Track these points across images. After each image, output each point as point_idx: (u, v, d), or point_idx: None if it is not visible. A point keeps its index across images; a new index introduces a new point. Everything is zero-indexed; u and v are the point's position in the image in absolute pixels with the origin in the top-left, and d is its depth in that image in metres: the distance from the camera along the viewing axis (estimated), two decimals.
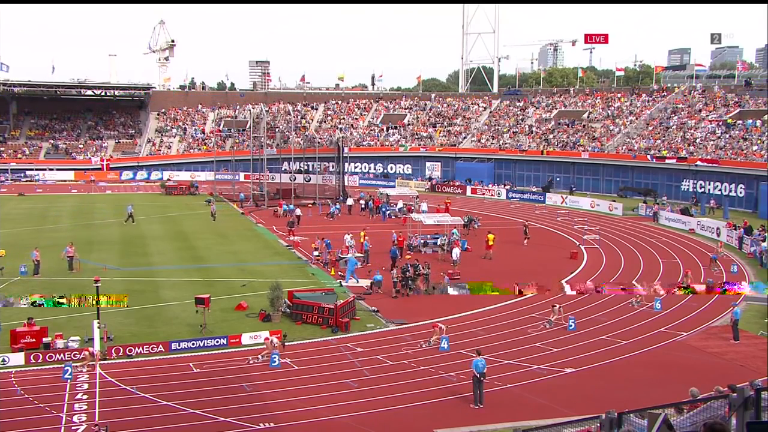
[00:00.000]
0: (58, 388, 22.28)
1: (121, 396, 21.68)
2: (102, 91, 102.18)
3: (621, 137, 79.40)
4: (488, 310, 31.93)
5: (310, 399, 21.45)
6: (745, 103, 75.35)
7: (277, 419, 19.98)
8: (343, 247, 42.00)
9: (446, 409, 20.98)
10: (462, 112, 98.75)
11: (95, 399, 21.35)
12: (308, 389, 22.23)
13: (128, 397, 21.53)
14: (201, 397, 21.53)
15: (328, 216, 59.25)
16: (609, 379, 23.53)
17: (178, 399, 21.30)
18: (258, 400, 21.41)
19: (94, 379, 23.00)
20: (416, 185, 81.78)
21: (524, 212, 64.46)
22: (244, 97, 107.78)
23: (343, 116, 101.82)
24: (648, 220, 59.13)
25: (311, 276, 38.47)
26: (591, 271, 40.07)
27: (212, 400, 21.32)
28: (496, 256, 43.85)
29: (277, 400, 21.38)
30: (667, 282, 36.63)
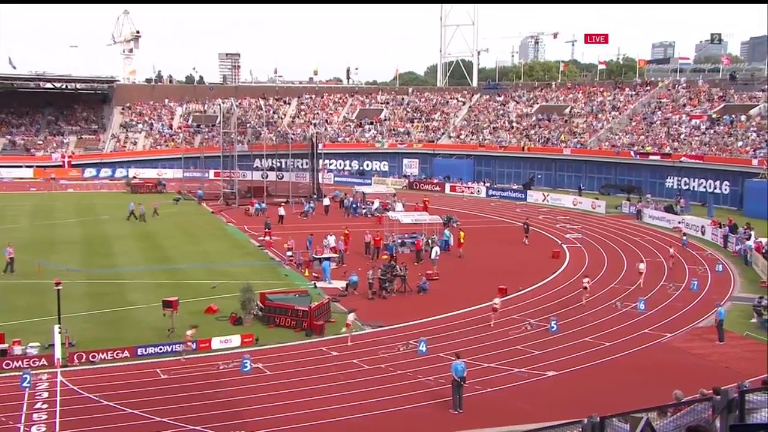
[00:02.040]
0: (16, 397, 21.99)
1: (83, 405, 21.45)
2: (62, 84, 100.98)
3: (604, 133, 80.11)
4: (468, 311, 32.06)
5: (284, 405, 21.38)
6: (730, 98, 76.38)
7: (249, 427, 19.90)
8: (317, 248, 41.93)
9: (425, 415, 21.03)
10: (440, 106, 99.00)
11: (56, 408, 21.10)
12: (281, 395, 22.16)
13: (91, 406, 21.31)
14: (169, 404, 21.37)
15: (301, 215, 59.13)
16: (592, 382, 23.73)
17: (145, 407, 21.12)
18: (229, 407, 21.31)
19: (54, 388, 22.74)
20: (393, 183, 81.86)
21: (505, 210, 64.80)
22: (213, 90, 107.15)
23: (317, 111, 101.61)
24: (631, 218, 59.72)
25: (284, 277, 38.37)
26: (574, 270, 40.37)
27: (181, 407, 21.17)
28: (478, 256, 44.06)
29: (249, 407, 21.29)
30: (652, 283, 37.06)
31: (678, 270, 40.34)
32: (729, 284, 37.53)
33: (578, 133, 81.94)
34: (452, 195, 76.22)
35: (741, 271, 40.70)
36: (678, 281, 37.47)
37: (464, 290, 35.91)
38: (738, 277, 39.06)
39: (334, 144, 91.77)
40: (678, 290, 35.75)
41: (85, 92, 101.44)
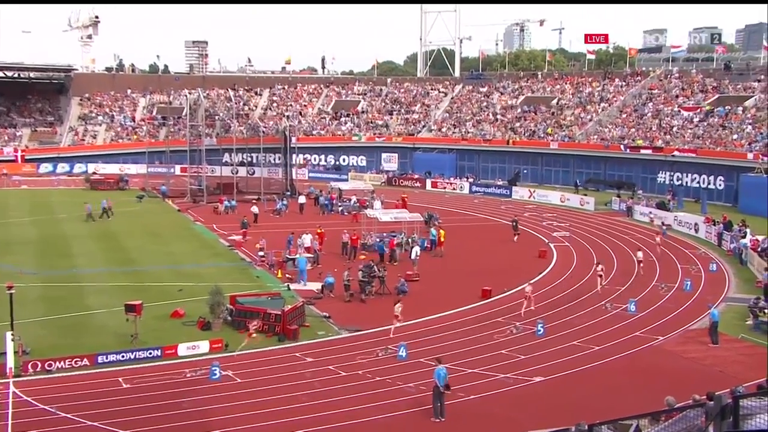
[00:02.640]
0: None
1: (38, 417, 21.22)
2: (14, 73, 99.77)
3: (592, 125, 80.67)
4: (451, 314, 32.15)
5: (255, 415, 21.31)
6: (725, 89, 77.19)
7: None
8: (291, 247, 41.86)
9: (405, 423, 21.06)
10: (421, 98, 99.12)
11: (8, 422, 20.84)
12: (253, 404, 22.08)
13: (47, 419, 21.10)
14: (132, 415, 21.22)
15: (274, 213, 58.98)
16: (580, 387, 23.90)
17: (106, 418, 20.95)
18: (197, 417, 21.20)
19: (6, 399, 22.48)
20: (371, 179, 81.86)
21: (489, 208, 65.03)
22: (179, 80, 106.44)
23: (290, 102, 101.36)
24: (621, 215, 60.19)
25: (256, 279, 38.28)
26: (561, 270, 40.63)
27: (144, 418, 21.03)
28: (461, 256, 44.21)
29: (218, 417, 21.20)
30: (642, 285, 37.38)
31: (670, 270, 40.73)
32: (723, 284, 37.95)
33: (566, 125, 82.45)
34: (434, 191, 76.36)
35: (736, 270, 41.17)
36: (670, 281, 37.82)
37: (446, 292, 36.00)
38: (733, 277, 39.50)
39: (308, 137, 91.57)
40: (670, 291, 36.11)
41: (39, 81, 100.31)
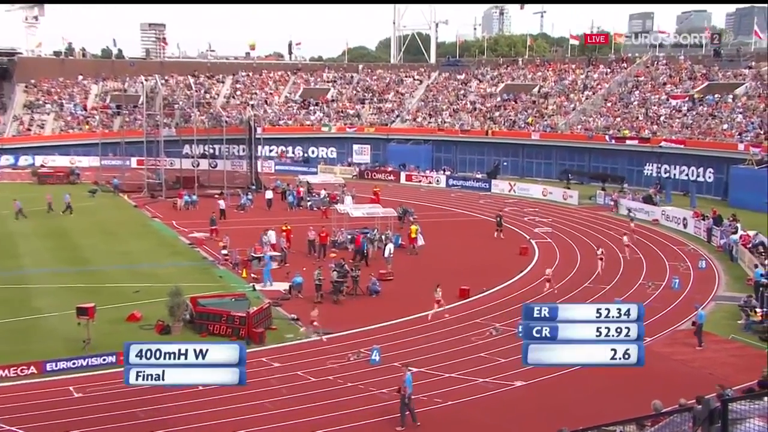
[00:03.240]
0: None
1: None
2: None
3: (576, 115, 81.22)
4: (426, 315, 32.20)
5: (217, 424, 21.23)
6: (714, 76, 77.96)
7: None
8: (256, 245, 41.67)
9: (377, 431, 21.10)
10: (394, 86, 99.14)
11: None
12: (215, 413, 22.00)
13: None
14: (84, 427, 21.04)
15: (238, 208, 58.71)
16: (563, 392, 24.08)
17: (55, 430, 20.75)
18: (154, 427, 21.06)
19: None
20: (342, 171, 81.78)
21: (467, 202, 65.24)
22: (134, 66, 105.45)
23: (255, 90, 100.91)
24: (607, 209, 60.66)
25: (219, 279, 38.16)
26: (543, 268, 40.81)
27: (98, 430, 20.86)
28: (437, 253, 44.32)
29: (178, 428, 21.08)
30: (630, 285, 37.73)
31: (657, 267, 41.13)
32: (713, 282, 38.38)
33: (548, 115, 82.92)
34: (408, 185, 76.45)
35: (726, 267, 41.65)
36: (657, 279, 38.19)
37: (422, 292, 35.96)
38: (723, 275, 39.95)
39: (274, 128, 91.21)
40: (657, 289, 36.42)
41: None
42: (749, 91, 73.03)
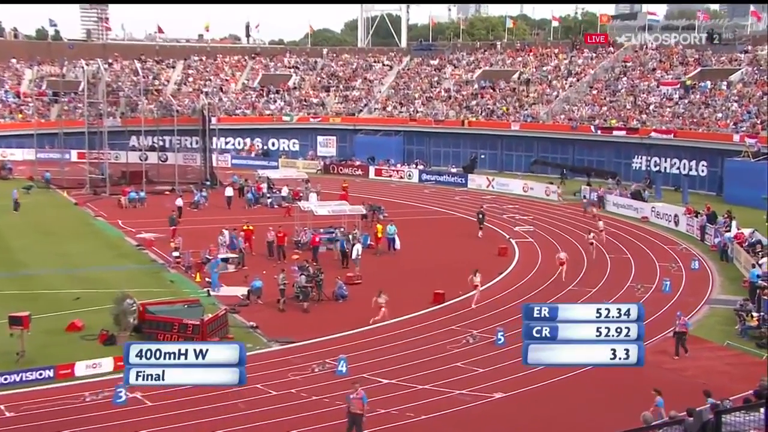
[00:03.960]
0: None
1: None
2: None
3: (559, 104, 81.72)
4: (398, 322, 32.25)
5: None
6: (708, 61, 78.77)
7: None
8: (211, 246, 41.44)
9: None
10: (362, 72, 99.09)
11: None
12: None
13: None
14: None
15: (191, 206, 58.37)
16: (546, 404, 24.21)
17: None
18: None
19: None
20: (305, 166, 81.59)
21: (442, 198, 65.38)
22: (74, 49, 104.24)
23: (209, 77, 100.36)
24: (592, 205, 60.92)
25: (169, 284, 37.95)
26: (524, 270, 41.10)
27: None
28: (409, 254, 44.39)
29: None
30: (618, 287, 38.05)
31: (647, 268, 41.50)
32: (707, 284, 38.78)
33: (529, 103, 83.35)
34: (378, 180, 76.50)
35: (720, 268, 42.10)
36: (647, 281, 38.52)
37: (393, 296, 35.80)
38: (717, 276, 40.37)
39: (230, 118, 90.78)
40: (647, 292, 36.69)
41: None
42: (745, 77, 73.78)
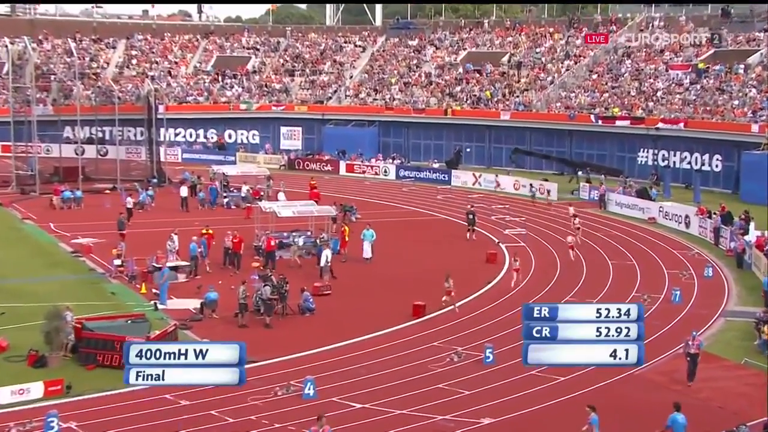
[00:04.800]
0: None
1: None
2: None
3: (554, 90, 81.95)
4: (373, 338, 32.18)
5: None
6: (722, 41, 79.09)
7: None
8: (159, 253, 41.21)
9: None
10: (331, 54, 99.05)
11: None
12: None
13: None
14: None
15: (135, 207, 57.99)
16: (540, 430, 24.24)
17: None
18: None
19: None
20: (267, 161, 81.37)
21: (422, 197, 65.41)
22: None
23: (155, 59, 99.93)
24: (592, 205, 61.30)
25: (110, 296, 37.68)
26: (520, 275, 41.08)
27: None
28: (386, 261, 44.32)
29: None
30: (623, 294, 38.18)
31: (654, 275, 41.64)
32: (722, 294, 38.98)
33: (520, 90, 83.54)
34: (350, 177, 76.53)
35: (737, 275, 42.24)
36: (654, 291, 38.62)
37: (367, 309, 36.05)
38: (734, 285, 40.51)
39: (181, 106, 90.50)
40: (655, 303, 36.75)
41: None
42: (765, 59, 74.06)
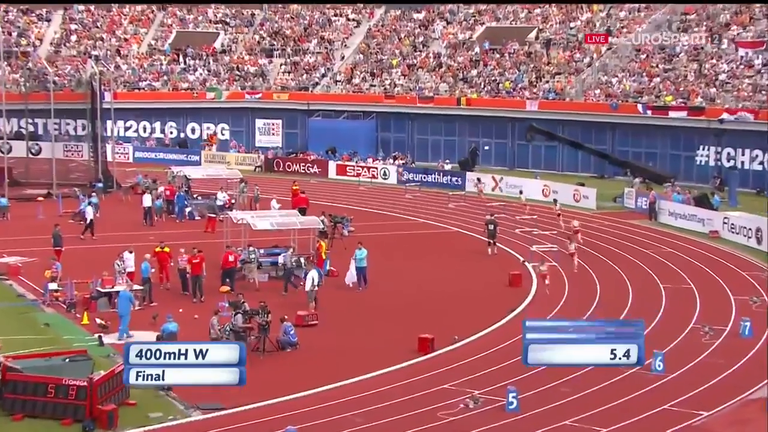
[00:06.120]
0: None
1: None
2: None
3: (593, 74, 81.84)
4: (369, 379, 32.00)
5: None
6: None
7: None
8: (105, 275, 40.93)
9: None
10: (318, 29, 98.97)
11: None
12: None
13: None
14: None
15: (75, 217, 57.87)
16: None
17: None
18: None
19: None
20: (239, 160, 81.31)
21: (429, 206, 65.30)
22: None
23: (100, 34, 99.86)
24: (639, 216, 61.18)
25: (43, 328, 37.52)
26: (544, 306, 40.90)
27: None
28: (385, 284, 44.20)
29: None
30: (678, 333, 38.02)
31: (718, 302, 41.40)
32: None
33: (551, 74, 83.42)
34: (341, 181, 76.72)
35: None
36: (718, 322, 38.37)
37: (362, 343, 35.92)
38: None
39: (132, 93, 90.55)
40: (719, 337, 36.58)
41: None
42: None
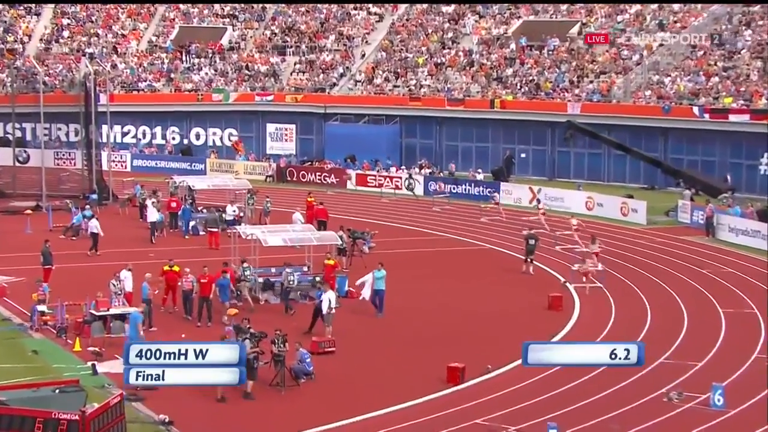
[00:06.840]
0: None
1: None
2: None
3: (642, 73, 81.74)
4: (393, 412, 32.01)
5: None
6: None
7: None
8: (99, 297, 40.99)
9: None
10: (336, 24, 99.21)
11: None
12: None
13: None
14: None
15: (66, 232, 58.05)
16: None
17: None
18: None
19: None
20: (248, 169, 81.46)
21: (459, 220, 65.33)
22: None
23: (95, 30, 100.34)
24: (696, 232, 61.07)
25: (30, 356, 37.76)
26: (588, 331, 40.82)
27: None
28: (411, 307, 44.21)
29: None
30: None
31: None
32: None
33: (595, 73, 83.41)
34: (361, 192, 76.96)
35: None
36: None
37: (385, 373, 35.92)
38: None
39: (130, 95, 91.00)
40: None
41: None
42: None
